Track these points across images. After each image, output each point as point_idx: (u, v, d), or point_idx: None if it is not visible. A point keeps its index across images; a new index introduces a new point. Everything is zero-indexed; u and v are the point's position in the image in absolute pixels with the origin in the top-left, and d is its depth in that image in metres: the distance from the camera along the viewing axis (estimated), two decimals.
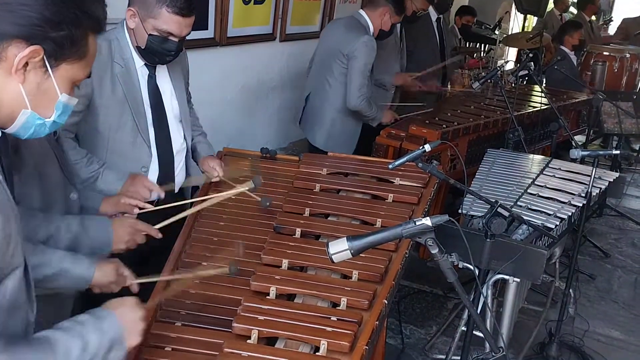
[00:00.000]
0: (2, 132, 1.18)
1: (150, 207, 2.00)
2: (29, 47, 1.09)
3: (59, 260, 1.54)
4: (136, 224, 1.82)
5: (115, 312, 1.29)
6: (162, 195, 2.08)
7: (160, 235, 1.88)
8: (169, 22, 2.08)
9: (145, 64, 2.24)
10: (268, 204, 2.31)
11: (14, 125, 1.16)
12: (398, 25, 4.28)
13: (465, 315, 2.84)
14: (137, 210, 1.98)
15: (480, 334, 2.78)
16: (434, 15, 4.83)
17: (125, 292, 1.66)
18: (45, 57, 1.12)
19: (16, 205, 1.16)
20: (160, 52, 2.14)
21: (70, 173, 1.73)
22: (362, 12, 3.76)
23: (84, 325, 1.22)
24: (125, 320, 1.30)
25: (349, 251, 1.48)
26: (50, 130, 1.22)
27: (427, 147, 2.23)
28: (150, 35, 2.10)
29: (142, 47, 2.14)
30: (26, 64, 1.10)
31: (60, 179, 1.67)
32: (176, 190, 2.41)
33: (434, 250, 1.48)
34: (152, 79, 2.27)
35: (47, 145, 1.62)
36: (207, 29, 3.74)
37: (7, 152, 1.23)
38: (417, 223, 1.46)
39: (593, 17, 8.17)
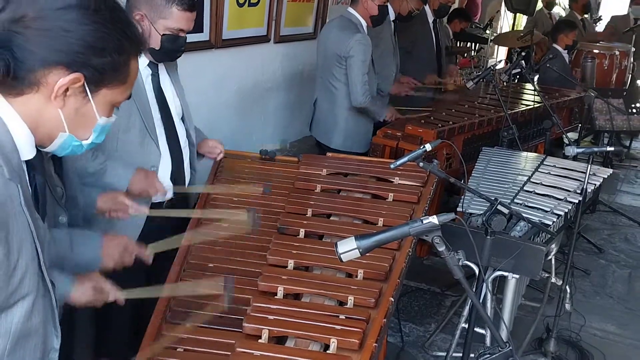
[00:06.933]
0: (38, 150, 1.15)
1: (144, 212, 2.00)
2: (70, 74, 1.07)
3: None
4: (128, 243, 1.72)
5: None
6: (170, 195, 2.07)
7: (150, 262, 1.78)
8: (180, 19, 2.15)
9: (148, 64, 2.26)
10: (269, 191, 2.33)
11: (52, 146, 1.15)
12: (392, 25, 4.31)
13: (465, 312, 2.87)
14: (132, 211, 1.97)
15: (481, 331, 2.84)
16: (430, 17, 4.89)
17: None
18: (85, 83, 1.10)
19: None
20: (172, 49, 2.22)
21: (58, 195, 1.63)
22: (349, 9, 3.80)
23: None
24: None
25: (357, 250, 1.50)
26: (87, 149, 1.21)
27: (428, 147, 2.26)
28: (163, 35, 2.16)
29: (157, 48, 2.18)
30: (66, 89, 1.08)
31: (49, 200, 1.63)
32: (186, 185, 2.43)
33: (441, 248, 1.49)
34: (155, 77, 2.30)
35: None
36: (202, 31, 3.74)
37: (43, 170, 1.20)
38: (425, 222, 1.48)
39: (586, 16, 8.22)
